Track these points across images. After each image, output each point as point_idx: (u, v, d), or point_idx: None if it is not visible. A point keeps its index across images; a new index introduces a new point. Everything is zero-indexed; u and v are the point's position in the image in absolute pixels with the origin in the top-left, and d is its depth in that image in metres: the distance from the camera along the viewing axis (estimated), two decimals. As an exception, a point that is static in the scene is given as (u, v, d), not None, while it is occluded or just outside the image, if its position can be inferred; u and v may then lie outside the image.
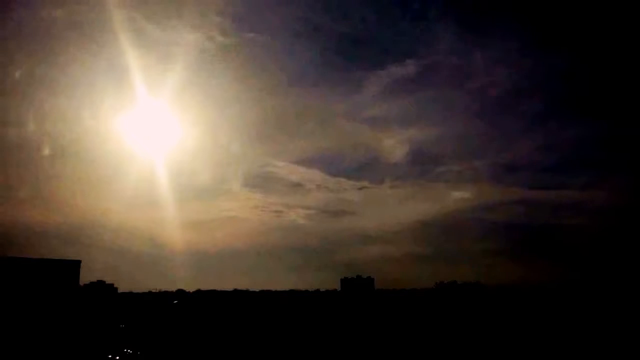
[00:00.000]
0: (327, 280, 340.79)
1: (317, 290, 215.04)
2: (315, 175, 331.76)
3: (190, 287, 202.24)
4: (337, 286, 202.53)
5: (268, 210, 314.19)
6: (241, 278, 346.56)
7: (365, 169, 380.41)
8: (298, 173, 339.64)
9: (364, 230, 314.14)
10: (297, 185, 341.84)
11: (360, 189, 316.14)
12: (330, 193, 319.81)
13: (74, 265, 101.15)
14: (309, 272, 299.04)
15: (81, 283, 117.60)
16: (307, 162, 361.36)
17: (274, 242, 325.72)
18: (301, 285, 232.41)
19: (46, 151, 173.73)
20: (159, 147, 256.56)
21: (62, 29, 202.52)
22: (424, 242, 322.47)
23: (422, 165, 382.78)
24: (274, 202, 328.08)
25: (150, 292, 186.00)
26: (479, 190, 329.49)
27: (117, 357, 49.94)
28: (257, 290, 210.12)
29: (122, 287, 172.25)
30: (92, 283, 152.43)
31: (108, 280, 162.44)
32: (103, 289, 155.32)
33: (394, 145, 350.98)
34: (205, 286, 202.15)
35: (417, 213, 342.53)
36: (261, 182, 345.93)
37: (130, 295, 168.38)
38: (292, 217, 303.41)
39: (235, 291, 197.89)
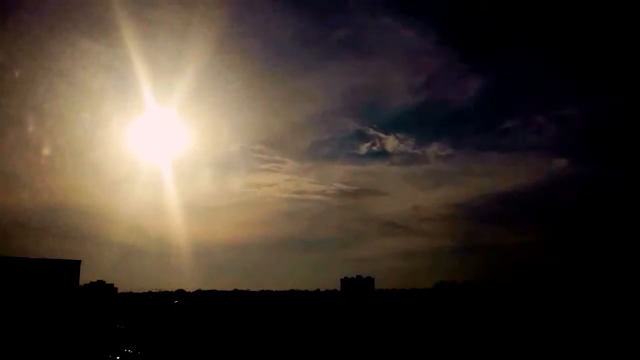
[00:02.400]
0: (327, 280, 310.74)
1: (317, 290, 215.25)
2: (343, 131, 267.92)
3: (192, 287, 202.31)
4: (337, 286, 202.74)
5: (282, 189, 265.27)
6: (245, 278, 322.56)
7: (411, 121, 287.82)
8: (320, 132, 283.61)
9: (391, 217, 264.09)
10: (318, 152, 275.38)
11: (396, 164, 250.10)
12: (357, 165, 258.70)
13: (74, 265, 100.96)
14: (317, 272, 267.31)
15: (81, 283, 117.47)
16: (330, 114, 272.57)
17: (284, 232, 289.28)
18: (301, 285, 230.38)
19: (57, 157, 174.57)
20: (167, 151, 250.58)
21: (70, 37, 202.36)
22: (457, 233, 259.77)
23: (492, 113, 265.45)
24: (290, 177, 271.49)
25: (150, 292, 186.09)
26: (551, 161, 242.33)
27: (117, 357, 49.92)
28: (257, 291, 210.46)
29: (122, 287, 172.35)
30: (92, 283, 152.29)
31: (108, 280, 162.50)
32: (103, 289, 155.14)
33: (463, 74, 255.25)
34: (210, 286, 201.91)
35: (462, 193, 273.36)
36: (276, 151, 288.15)
37: (130, 295, 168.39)
38: (308, 198, 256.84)
39: (235, 291, 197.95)
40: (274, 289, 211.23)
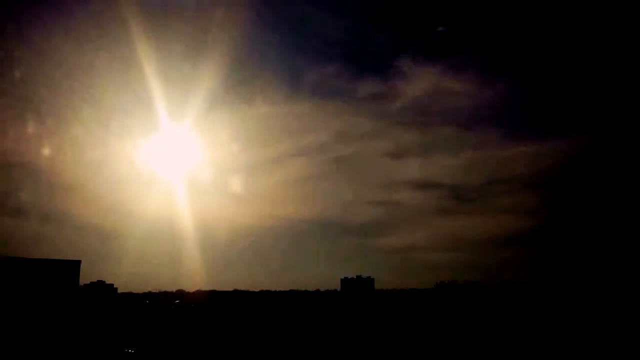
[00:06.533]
0: (327, 280, 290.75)
1: (317, 290, 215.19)
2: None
3: (192, 287, 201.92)
4: (337, 286, 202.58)
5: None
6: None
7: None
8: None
9: (459, 182, 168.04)
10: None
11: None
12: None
13: (74, 265, 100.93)
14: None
15: (81, 283, 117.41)
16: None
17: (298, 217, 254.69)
18: (301, 285, 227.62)
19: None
20: (182, 167, 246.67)
21: (85, 56, 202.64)
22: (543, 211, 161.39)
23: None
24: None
25: (150, 292, 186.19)
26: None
27: (117, 357, 49.89)
28: (257, 291, 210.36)
29: (122, 287, 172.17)
30: (92, 283, 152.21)
31: (108, 280, 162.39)
32: (103, 289, 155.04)
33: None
34: (217, 286, 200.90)
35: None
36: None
37: (130, 295, 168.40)
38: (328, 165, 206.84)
39: (235, 291, 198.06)
40: (274, 289, 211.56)
